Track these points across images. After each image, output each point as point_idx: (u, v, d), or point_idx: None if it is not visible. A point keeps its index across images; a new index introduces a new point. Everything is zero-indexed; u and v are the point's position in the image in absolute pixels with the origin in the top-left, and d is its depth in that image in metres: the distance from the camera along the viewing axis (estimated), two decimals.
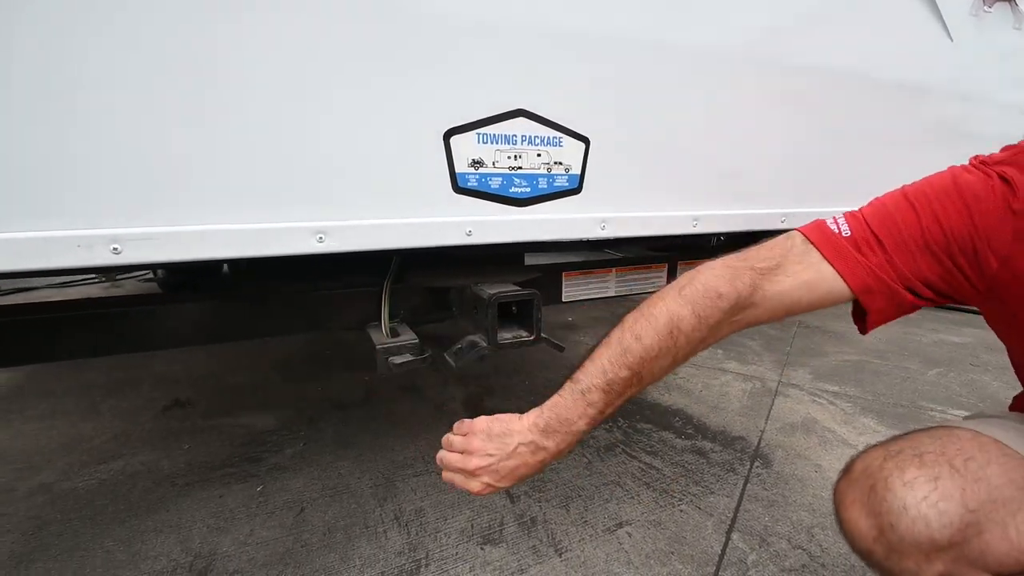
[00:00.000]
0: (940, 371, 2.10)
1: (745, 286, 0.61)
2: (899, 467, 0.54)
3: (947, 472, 0.52)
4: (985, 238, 0.56)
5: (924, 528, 0.50)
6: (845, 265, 0.60)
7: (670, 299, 0.62)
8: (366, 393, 1.86)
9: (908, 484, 0.52)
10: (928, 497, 0.51)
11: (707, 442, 1.54)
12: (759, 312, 0.62)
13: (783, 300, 0.62)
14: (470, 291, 0.88)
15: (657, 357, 0.60)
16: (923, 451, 0.55)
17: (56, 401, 1.81)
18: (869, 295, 0.60)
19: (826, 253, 0.61)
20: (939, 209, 0.58)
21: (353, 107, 0.65)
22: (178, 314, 0.92)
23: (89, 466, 1.40)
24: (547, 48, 0.73)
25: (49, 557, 1.07)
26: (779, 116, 1.01)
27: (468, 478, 0.65)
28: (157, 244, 0.57)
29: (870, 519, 0.54)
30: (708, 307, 0.60)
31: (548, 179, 0.78)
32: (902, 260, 0.59)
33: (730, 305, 0.60)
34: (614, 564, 1.06)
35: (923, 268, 0.59)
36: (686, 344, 0.60)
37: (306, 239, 0.64)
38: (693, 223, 0.93)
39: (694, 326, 0.60)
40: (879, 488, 0.54)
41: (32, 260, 0.54)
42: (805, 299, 0.61)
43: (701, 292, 0.61)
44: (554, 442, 0.61)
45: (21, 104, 0.51)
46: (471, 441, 0.65)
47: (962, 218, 0.57)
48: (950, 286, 0.60)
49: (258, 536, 1.13)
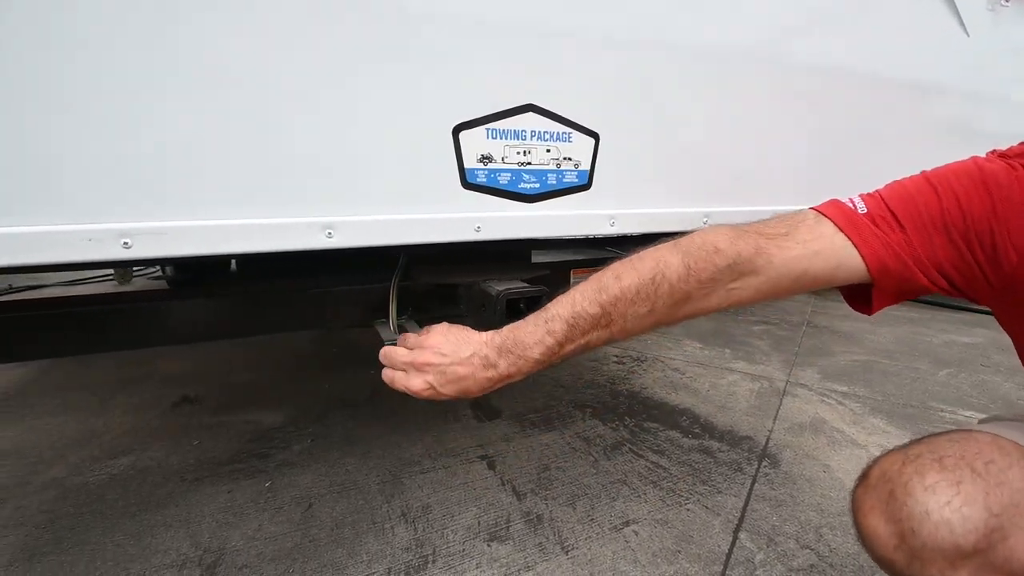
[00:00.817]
0: (950, 372, 2.08)
1: (748, 247, 0.58)
2: (919, 471, 0.52)
3: (969, 476, 0.50)
4: (1005, 230, 0.55)
5: (948, 534, 0.48)
6: (861, 238, 0.57)
7: (663, 247, 0.59)
8: (373, 391, 1.87)
9: (929, 488, 0.50)
10: (951, 502, 0.49)
11: (714, 441, 1.53)
12: (760, 281, 0.59)
13: (789, 269, 0.58)
14: (478, 288, 0.88)
15: (633, 301, 0.57)
16: (943, 455, 0.53)
17: (67, 397, 1.83)
18: (883, 270, 0.57)
19: (841, 225, 0.58)
20: (960, 192, 0.56)
21: (363, 103, 0.65)
22: (188, 310, 0.93)
23: (100, 461, 1.42)
24: (557, 43, 0.73)
25: (61, 550, 1.08)
26: (792, 114, 1.00)
27: (412, 373, 0.61)
28: (167, 239, 0.58)
29: (890, 525, 0.52)
30: (701, 260, 0.57)
31: (557, 175, 0.78)
32: (919, 241, 0.57)
33: (727, 264, 0.57)
34: (621, 562, 1.05)
35: (939, 253, 0.57)
36: (668, 294, 0.57)
37: (315, 234, 0.65)
38: (704, 220, 0.92)
39: (681, 276, 0.57)
40: (899, 493, 0.52)
41: (42, 254, 0.54)
42: (812, 271, 0.58)
43: (698, 244, 0.58)
44: (506, 363, 0.58)
45: (30, 99, 0.52)
46: (427, 338, 0.63)
47: (983, 204, 0.55)
48: (964, 278, 0.58)
49: (267, 531, 1.14)
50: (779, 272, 0.59)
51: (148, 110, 0.56)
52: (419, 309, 0.98)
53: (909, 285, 0.59)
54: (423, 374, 0.61)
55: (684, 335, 2.56)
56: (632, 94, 0.81)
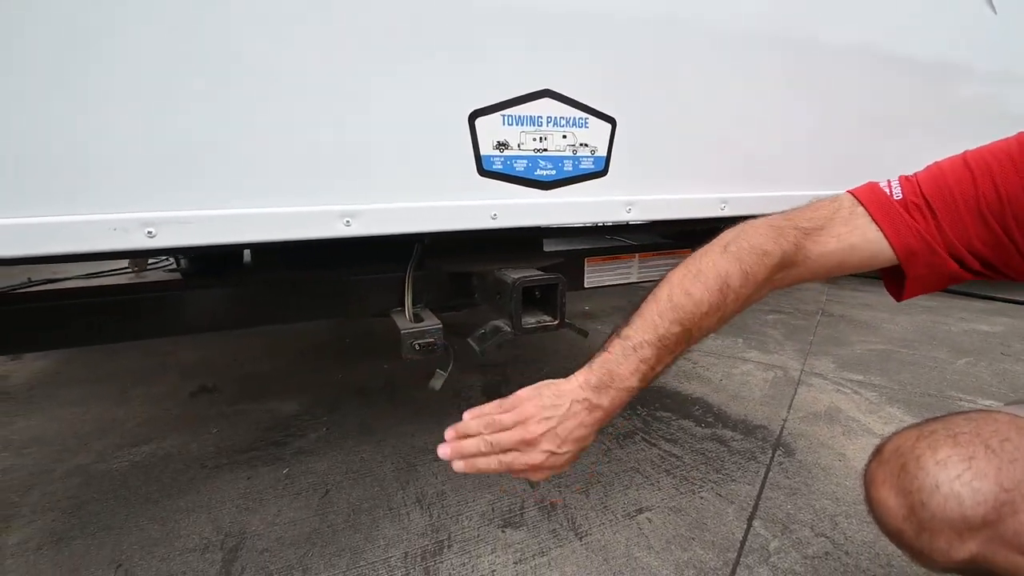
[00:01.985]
0: (969, 360, 2.05)
1: (790, 244, 0.60)
2: (932, 446, 0.53)
3: (982, 452, 0.50)
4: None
5: (957, 506, 0.49)
6: (891, 226, 0.59)
7: (716, 255, 0.61)
8: (386, 380, 1.89)
9: (941, 463, 0.51)
10: (961, 476, 0.49)
11: (728, 430, 1.52)
12: (801, 271, 0.62)
13: (826, 262, 0.61)
14: (493, 276, 0.88)
15: (708, 314, 0.59)
16: (957, 431, 0.53)
17: (89, 387, 1.87)
18: (912, 258, 0.59)
19: (873, 212, 0.60)
20: (998, 173, 0.57)
21: (379, 91, 0.65)
22: (206, 300, 0.94)
23: (122, 449, 1.45)
24: (573, 27, 0.72)
25: (87, 534, 1.11)
26: (811, 97, 0.98)
27: (527, 451, 0.58)
28: (191, 228, 0.58)
29: (900, 497, 0.53)
30: (755, 264, 0.59)
31: (573, 161, 0.77)
32: (952, 226, 0.58)
33: (775, 263, 0.60)
34: (635, 549, 1.06)
35: (972, 235, 0.58)
36: (734, 301, 0.60)
37: (334, 223, 0.65)
38: (721, 206, 0.91)
39: (742, 283, 0.59)
40: (910, 466, 0.53)
41: (68, 244, 0.55)
42: (848, 261, 0.61)
43: (747, 249, 0.60)
44: (608, 399, 0.58)
45: (56, 90, 0.52)
46: (521, 409, 0.59)
47: (1021, 188, 0.56)
48: (998, 256, 0.58)
49: (285, 516, 1.16)
50: (816, 265, 0.62)
51: (172, 102, 0.56)
52: (434, 297, 0.98)
53: (939, 271, 0.60)
54: (536, 446, 0.58)
55: None
56: (650, 79, 0.80)
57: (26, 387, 1.88)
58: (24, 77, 0.51)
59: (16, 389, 1.86)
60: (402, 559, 1.03)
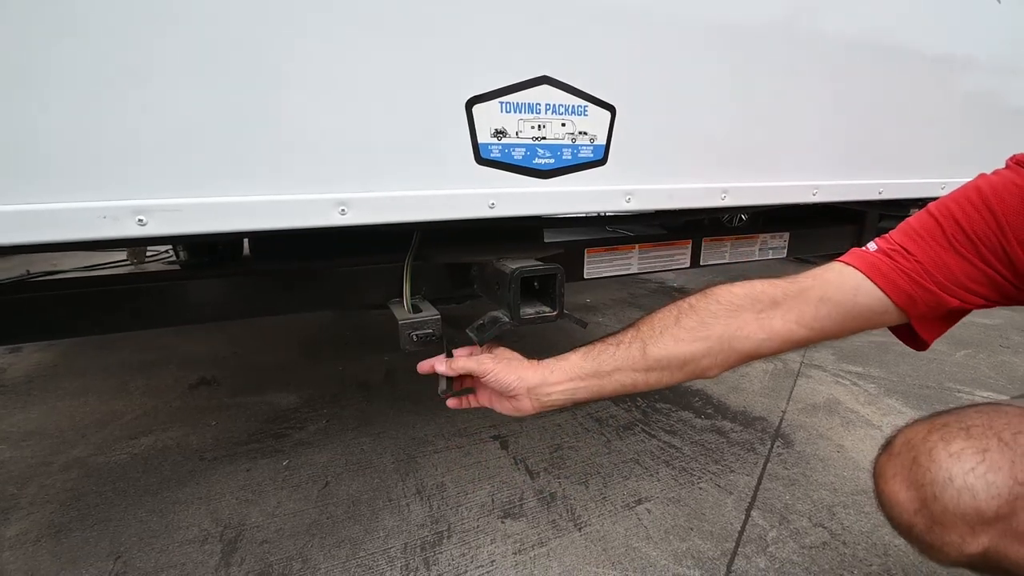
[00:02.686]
0: (968, 352, 2.05)
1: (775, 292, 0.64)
2: (944, 439, 0.52)
3: (996, 445, 0.50)
4: (1013, 237, 0.57)
5: (971, 499, 0.48)
6: (879, 274, 0.61)
7: (725, 311, 0.66)
8: (386, 373, 1.88)
9: (954, 455, 0.50)
10: (975, 468, 0.49)
11: (727, 422, 1.53)
12: (800, 332, 0.63)
13: (826, 314, 0.62)
14: (492, 267, 0.87)
15: (750, 356, 0.66)
16: (970, 424, 0.53)
17: (87, 379, 1.87)
18: (908, 300, 0.60)
19: (857, 264, 0.62)
20: (961, 217, 0.60)
21: (375, 77, 0.64)
22: (205, 290, 0.93)
23: (121, 441, 1.45)
24: (572, 11, 0.71)
25: (86, 527, 1.11)
26: (812, 87, 0.97)
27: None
28: (183, 216, 0.58)
29: (912, 491, 0.52)
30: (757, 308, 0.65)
31: (572, 150, 0.76)
32: (933, 263, 0.60)
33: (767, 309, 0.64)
34: (633, 539, 1.06)
35: (957, 273, 0.59)
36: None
37: (329, 211, 0.64)
38: (722, 196, 0.90)
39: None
40: (922, 460, 0.52)
41: (57, 232, 0.54)
42: (850, 314, 0.62)
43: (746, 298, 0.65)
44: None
45: (44, 74, 0.51)
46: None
47: (986, 221, 0.58)
48: (992, 288, 0.60)
49: (285, 508, 1.16)
50: (817, 315, 0.63)
51: (162, 87, 0.55)
52: (433, 288, 0.98)
53: (940, 307, 0.61)
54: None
55: None
56: (650, 66, 0.79)
57: (25, 379, 1.88)
58: (8, 60, 0.50)
59: (14, 381, 1.86)
60: (402, 550, 1.04)
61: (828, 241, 1.56)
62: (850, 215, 1.60)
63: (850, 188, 1.09)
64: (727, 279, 0.72)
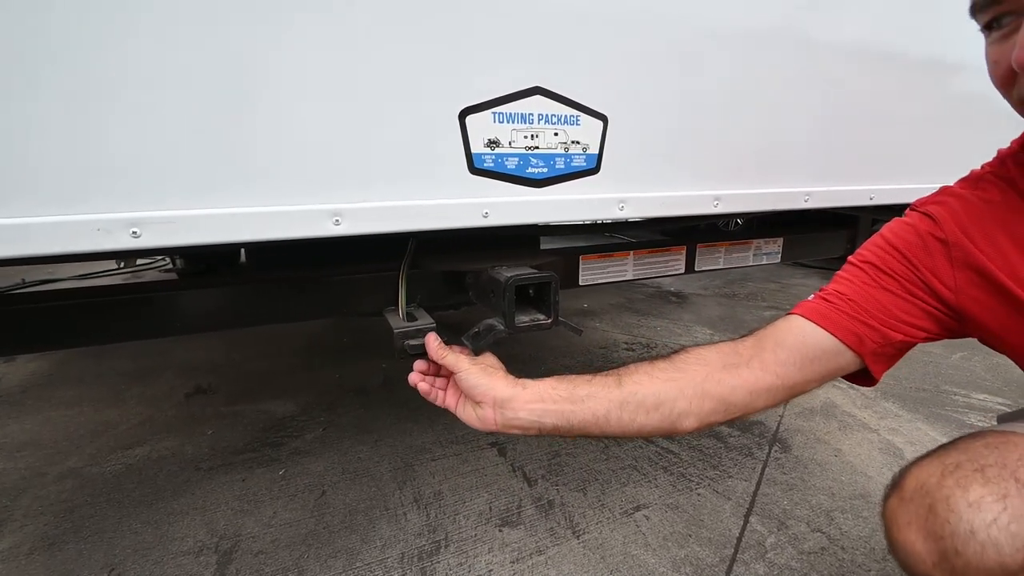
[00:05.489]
0: (964, 355, 2.06)
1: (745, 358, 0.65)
2: (961, 485, 0.50)
3: (1015, 489, 0.48)
4: (930, 273, 0.61)
5: (995, 554, 0.46)
6: (822, 317, 0.64)
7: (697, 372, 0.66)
8: (383, 380, 1.88)
9: (974, 505, 0.48)
10: (998, 519, 0.46)
11: (724, 427, 1.53)
12: (764, 379, 0.64)
13: (786, 359, 0.64)
14: (486, 274, 0.87)
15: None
16: (983, 464, 0.51)
17: (83, 389, 1.86)
18: (857, 340, 0.63)
19: (803, 313, 0.66)
20: (876, 260, 0.64)
21: (368, 87, 0.64)
22: (201, 300, 0.93)
23: (116, 451, 1.44)
24: (563, 23, 0.72)
25: (80, 539, 1.10)
26: (804, 93, 0.98)
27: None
28: (176, 228, 0.57)
29: (930, 543, 0.49)
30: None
31: (565, 159, 0.77)
32: (869, 303, 0.63)
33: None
34: (632, 546, 1.06)
35: (891, 307, 0.63)
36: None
37: (323, 222, 0.64)
38: (715, 203, 0.90)
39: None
40: (940, 509, 0.49)
41: (52, 245, 0.54)
42: (806, 366, 0.64)
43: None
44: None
45: (35, 88, 0.52)
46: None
47: (898, 260, 0.63)
48: (930, 320, 0.63)
49: (281, 518, 1.16)
50: (777, 362, 0.65)
51: (154, 99, 0.55)
52: (428, 296, 0.98)
53: (887, 342, 0.63)
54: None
55: (694, 322, 2.55)
56: (641, 75, 0.80)
57: (19, 389, 1.87)
58: (3, 74, 0.50)
59: (8, 391, 1.85)
60: (399, 560, 1.03)
61: (822, 245, 1.56)
62: (844, 219, 1.61)
63: (842, 194, 1.09)
64: (722, 282, 0.72)
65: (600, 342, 2.27)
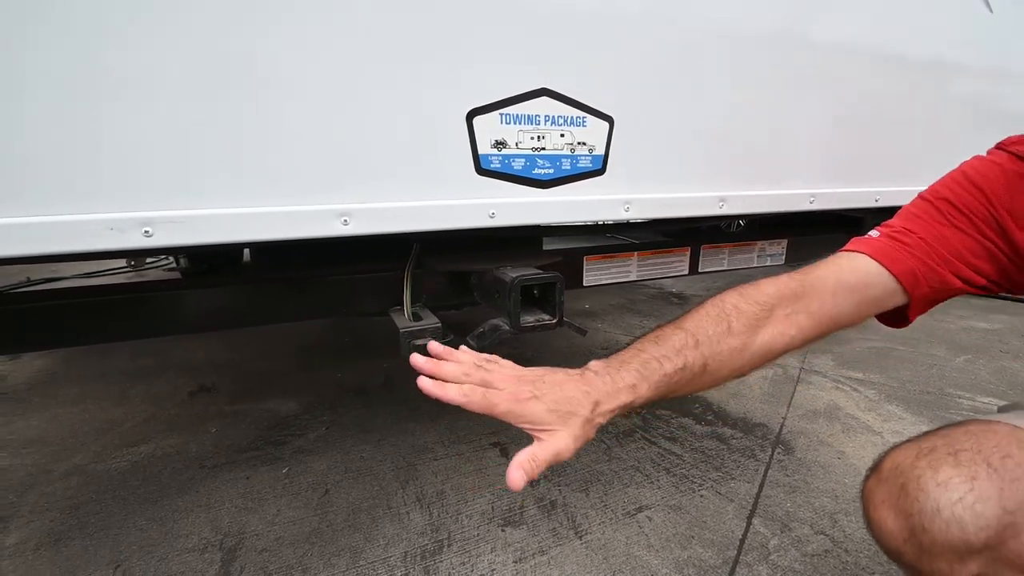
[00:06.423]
0: (968, 358, 2.05)
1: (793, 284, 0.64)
2: (932, 466, 0.51)
3: (984, 471, 0.49)
4: (1007, 212, 0.60)
5: (959, 531, 0.48)
6: (885, 255, 0.62)
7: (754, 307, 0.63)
8: (385, 380, 1.88)
9: (942, 484, 0.50)
10: (964, 499, 0.48)
11: (727, 428, 1.52)
12: (816, 307, 0.63)
13: (840, 292, 0.63)
14: (491, 275, 0.88)
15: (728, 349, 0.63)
16: (958, 448, 0.52)
17: (88, 387, 1.87)
18: (914, 281, 0.62)
19: (866, 251, 0.64)
20: (951, 196, 0.63)
21: (377, 90, 0.65)
22: (205, 299, 0.94)
23: (121, 449, 1.45)
24: (570, 25, 0.72)
25: (86, 535, 1.11)
26: (808, 95, 0.98)
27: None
28: (188, 227, 0.58)
29: (900, 520, 0.52)
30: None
31: (571, 160, 0.77)
32: (935, 240, 0.62)
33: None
34: (634, 547, 1.06)
35: (957, 245, 0.61)
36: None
37: (331, 222, 0.65)
38: (720, 204, 0.91)
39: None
40: (911, 488, 0.51)
41: (64, 243, 0.54)
42: (862, 306, 0.63)
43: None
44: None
45: (51, 88, 0.52)
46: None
47: (975, 197, 0.62)
48: (992, 263, 0.61)
49: (285, 516, 1.16)
50: (830, 293, 0.63)
51: (167, 101, 0.56)
52: (433, 296, 0.98)
53: (942, 287, 0.62)
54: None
55: None
56: (648, 77, 0.80)
57: (24, 387, 1.88)
58: (19, 74, 0.51)
59: (14, 389, 1.86)
60: (402, 559, 1.03)
61: (826, 247, 1.55)
62: (848, 221, 1.60)
63: (847, 196, 1.09)
64: (724, 283, 0.72)
65: (602, 343, 2.27)
